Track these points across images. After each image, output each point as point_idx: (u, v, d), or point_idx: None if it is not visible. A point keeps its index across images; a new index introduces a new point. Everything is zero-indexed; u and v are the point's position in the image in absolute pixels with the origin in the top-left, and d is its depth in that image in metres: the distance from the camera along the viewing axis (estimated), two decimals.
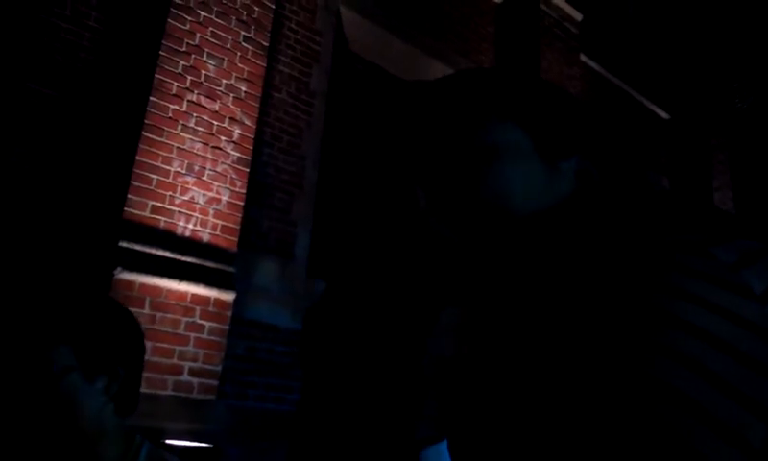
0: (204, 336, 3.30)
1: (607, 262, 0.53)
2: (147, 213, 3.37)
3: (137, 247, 3.24)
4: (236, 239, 3.65)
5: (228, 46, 4.21)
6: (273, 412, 3.64)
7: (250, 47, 4.27)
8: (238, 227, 3.69)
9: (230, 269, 3.54)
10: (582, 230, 0.62)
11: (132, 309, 3.13)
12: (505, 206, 0.63)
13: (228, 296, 3.45)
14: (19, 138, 3.46)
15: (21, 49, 3.57)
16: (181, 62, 3.94)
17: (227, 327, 3.42)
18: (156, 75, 3.80)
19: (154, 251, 3.28)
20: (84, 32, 3.98)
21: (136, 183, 3.43)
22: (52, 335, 1.24)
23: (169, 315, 3.20)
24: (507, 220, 0.63)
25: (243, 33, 4.25)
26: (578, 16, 6.99)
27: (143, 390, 2.98)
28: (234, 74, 4.19)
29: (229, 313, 3.44)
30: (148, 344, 3.08)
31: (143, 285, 3.17)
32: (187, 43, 4.01)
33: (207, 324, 3.33)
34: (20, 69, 3.53)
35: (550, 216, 0.63)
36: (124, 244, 3.21)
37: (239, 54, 4.25)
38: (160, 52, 3.88)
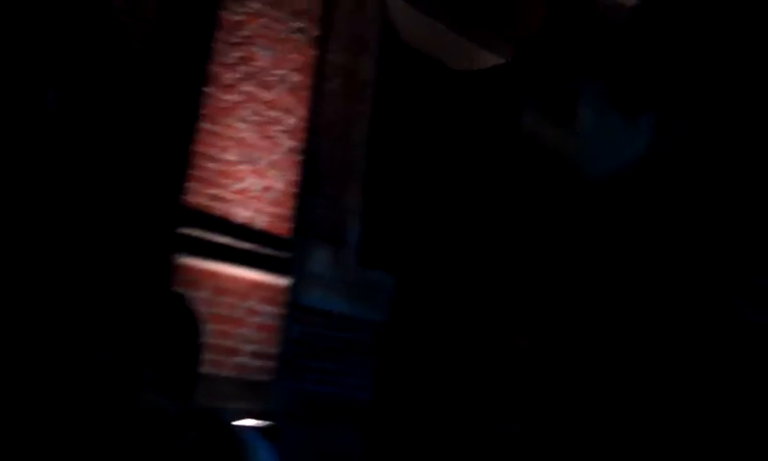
0: (261, 320, 3.39)
1: (682, 232, 0.52)
2: (205, 201, 3.46)
3: (196, 233, 3.34)
4: (290, 226, 3.72)
5: (280, 36, 4.26)
6: (329, 395, 3.70)
7: (300, 37, 4.32)
8: (292, 214, 3.76)
9: (285, 255, 3.61)
10: (660, 189, 0.60)
11: (192, 293, 3.21)
12: (581, 162, 0.62)
13: (284, 281, 3.53)
14: (81, 133, 3.59)
15: (83, 41, 3.70)
16: (235, 53, 4.02)
17: (282, 311, 3.50)
18: (210, 66, 3.89)
19: (212, 237, 3.37)
20: (140, 23, 4.09)
21: (194, 172, 3.53)
22: (98, 335, 1.29)
23: (228, 299, 3.29)
24: (583, 181, 0.62)
25: (294, 23, 4.29)
26: (630, 1, 6.82)
27: (206, 370, 3.06)
28: (286, 64, 4.24)
29: (285, 298, 3.52)
30: (209, 326, 3.17)
31: (202, 270, 3.27)
32: (240, 34, 4.08)
33: (264, 308, 3.42)
34: (83, 62, 3.66)
35: (628, 175, 0.62)
36: (184, 230, 3.31)
37: (290, 44, 4.30)
38: (213, 44, 3.96)
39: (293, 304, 3.66)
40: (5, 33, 3.30)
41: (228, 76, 3.94)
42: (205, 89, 3.81)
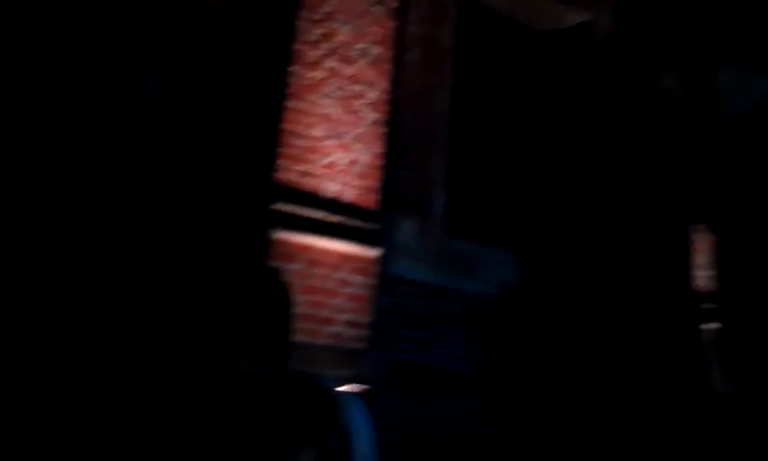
0: (354, 291, 3.49)
1: None
2: (295, 177, 3.58)
3: (288, 208, 3.47)
4: (378, 198, 3.79)
5: (360, 10, 4.28)
6: (420, 363, 3.78)
7: (380, 10, 4.32)
8: (379, 186, 3.82)
9: (374, 227, 3.68)
10: None
11: (286, 265, 3.33)
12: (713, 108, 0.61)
13: (373, 253, 3.61)
14: (178, 116, 3.78)
15: (176, 27, 3.87)
16: (317, 31, 4.08)
17: (373, 281, 3.59)
18: (293, 45, 3.97)
19: (303, 211, 3.49)
20: (227, 7, 4.22)
21: (283, 149, 3.65)
22: (201, 303, 1.37)
23: (321, 271, 3.41)
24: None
25: None
26: None
27: (303, 339, 3.18)
28: (366, 38, 4.27)
29: (375, 269, 3.60)
30: (305, 297, 3.30)
31: (296, 244, 3.40)
32: (321, 11, 4.13)
33: (356, 279, 3.51)
34: (177, 48, 3.84)
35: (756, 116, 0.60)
36: (276, 206, 3.44)
37: (370, 18, 4.31)
38: (296, 22, 4.03)
39: (383, 275, 3.74)
40: (108, 23, 3.51)
41: (312, 53, 4.01)
42: (290, 68, 3.91)
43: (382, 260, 3.71)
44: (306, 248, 3.42)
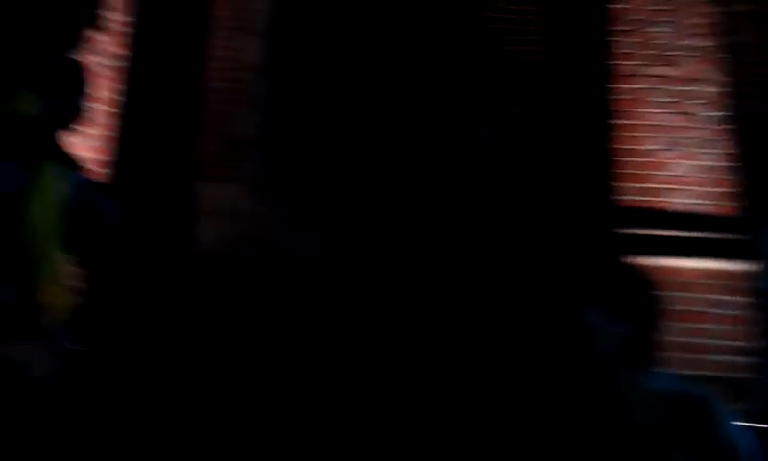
0: (725, 312, 3.15)
1: None
2: (636, 196, 3.43)
3: (635, 230, 3.32)
4: (736, 205, 3.39)
5: (673, 7, 3.99)
6: None
7: None
8: (735, 191, 3.42)
9: (736, 237, 3.29)
10: None
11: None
12: None
13: (741, 267, 3.22)
14: (511, 158, 3.95)
15: (495, 82, 4.09)
16: (630, 40, 3.91)
17: (744, 300, 3.18)
18: (608, 61, 3.86)
19: (652, 231, 3.31)
20: (534, 48, 4.31)
21: (619, 170, 3.53)
22: (582, 279, 1.41)
23: (683, 294, 3.16)
24: None
25: None
26: None
27: (674, 370, 2.98)
28: (685, 33, 3.94)
29: (748, 285, 3.20)
30: (676, 325, 3.09)
31: (649, 267, 3.20)
32: (632, 19, 3.95)
33: (725, 299, 3.17)
34: (497, 100, 4.06)
35: None
36: (622, 230, 3.32)
37: (686, 11, 3.98)
38: (608, 38, 3.92)
39: (756, 291, 3.29)
40: (444, 91, 3.90)
41: (630, 65, 3.85)
42: (610, 86, 3.80)
43: (755, 275, 3.27)
44: (663, 270, 3.20)
